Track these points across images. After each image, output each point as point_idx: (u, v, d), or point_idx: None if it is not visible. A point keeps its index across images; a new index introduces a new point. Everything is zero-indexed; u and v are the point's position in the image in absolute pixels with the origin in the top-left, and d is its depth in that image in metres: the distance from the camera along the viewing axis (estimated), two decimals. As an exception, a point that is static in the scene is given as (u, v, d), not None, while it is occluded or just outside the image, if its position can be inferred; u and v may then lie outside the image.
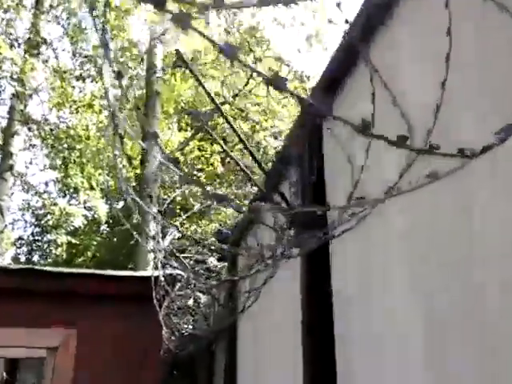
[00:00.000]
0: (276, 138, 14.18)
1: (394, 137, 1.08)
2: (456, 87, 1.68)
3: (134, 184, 15.10)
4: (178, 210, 12.91)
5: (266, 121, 14.68)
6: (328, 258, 2.30)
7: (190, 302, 6.51)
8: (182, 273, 4.66)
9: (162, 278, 4.34)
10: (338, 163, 2.31)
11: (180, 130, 15.80)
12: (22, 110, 12.16)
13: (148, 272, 4.91)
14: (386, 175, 1.96)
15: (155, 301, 4.39)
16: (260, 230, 3.81)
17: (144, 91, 12.81)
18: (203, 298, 6.90)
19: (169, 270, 4.72)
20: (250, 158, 2.78)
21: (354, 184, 1.93)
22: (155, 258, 4.25)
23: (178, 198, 14.85)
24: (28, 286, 4.99)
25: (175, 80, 13.70)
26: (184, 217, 6.90)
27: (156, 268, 4.43)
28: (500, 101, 1.78)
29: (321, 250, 2.01)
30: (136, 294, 4.94)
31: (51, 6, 14.95)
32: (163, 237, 4.18)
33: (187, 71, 14.09)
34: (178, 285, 5.05)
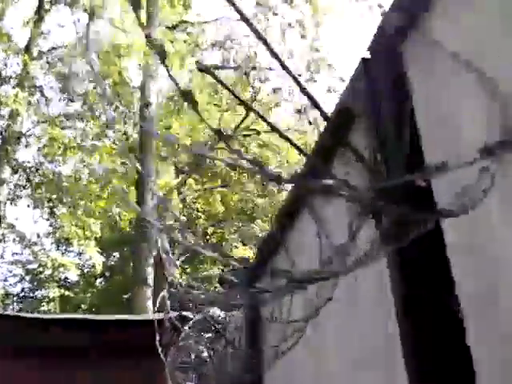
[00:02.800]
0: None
1: None
2: None
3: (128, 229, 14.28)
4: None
5: (268, 158, 14.00)
6: (443, 243, 1.42)
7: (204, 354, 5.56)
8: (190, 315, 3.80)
9: (168, 323, 3.48)
10: (435, 102, 1.52)
11: (177, 174, 15.07)
12: (6, 150, 11.47)
13: (148, 315, 4.04)
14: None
15: (160, 349, 3.51)
16: (292, 247, 2.99)
17: (138, 129, 12.22)
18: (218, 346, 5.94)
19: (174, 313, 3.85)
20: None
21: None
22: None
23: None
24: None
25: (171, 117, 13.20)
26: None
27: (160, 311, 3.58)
28: None
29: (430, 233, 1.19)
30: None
31: (41, 52, 14.48)
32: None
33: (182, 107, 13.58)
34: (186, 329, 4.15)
